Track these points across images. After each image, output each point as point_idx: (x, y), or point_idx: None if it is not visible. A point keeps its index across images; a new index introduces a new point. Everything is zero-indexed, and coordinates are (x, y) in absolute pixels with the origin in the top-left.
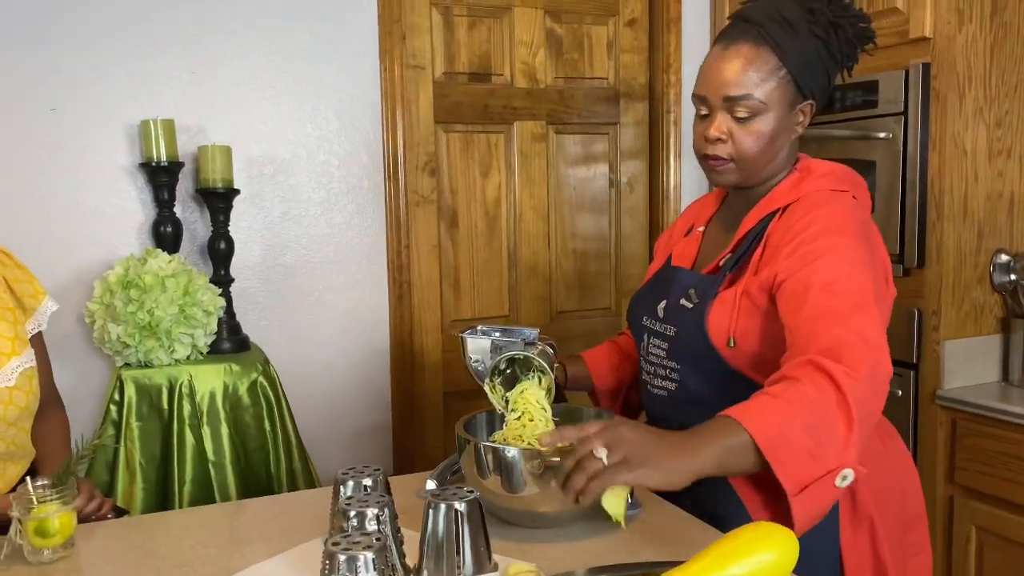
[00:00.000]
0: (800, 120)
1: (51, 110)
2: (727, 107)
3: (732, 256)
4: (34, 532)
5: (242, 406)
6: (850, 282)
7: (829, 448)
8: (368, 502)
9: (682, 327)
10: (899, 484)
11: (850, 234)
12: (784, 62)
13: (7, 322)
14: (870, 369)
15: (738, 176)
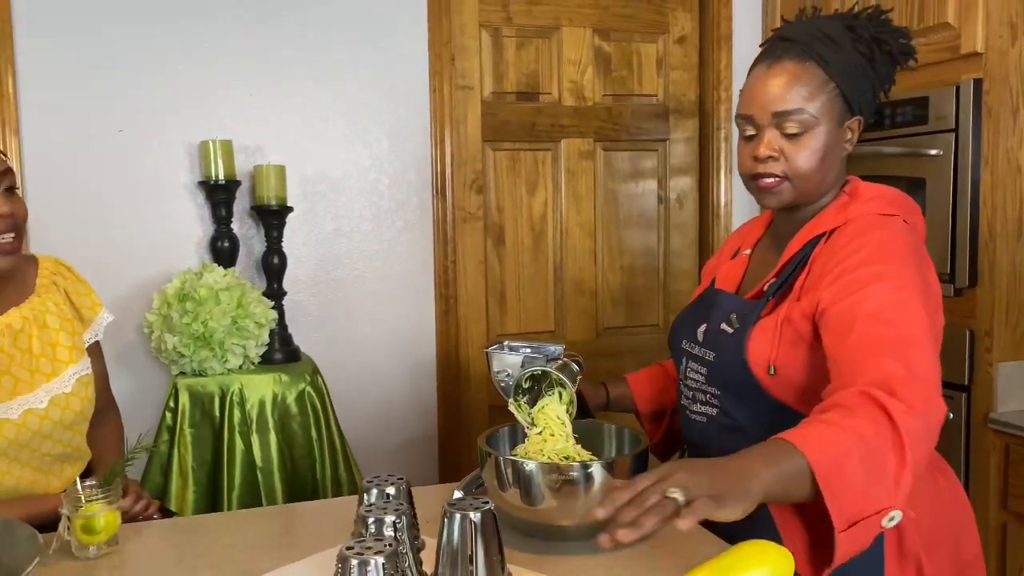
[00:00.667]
0: (848, 137)
1: (119, 132)
2: (776, 123)
3: (776, 281)
4: (81, 529)
5: (290, 414)
6: (900, 312)
7: (880, 486)
8: (387, 510)
9: (721, 352)
10: (952, 524)
11: (899, 261)
12: (831, 75)
13: (66, 332)
14: (924, 406)
15: (792, 194)
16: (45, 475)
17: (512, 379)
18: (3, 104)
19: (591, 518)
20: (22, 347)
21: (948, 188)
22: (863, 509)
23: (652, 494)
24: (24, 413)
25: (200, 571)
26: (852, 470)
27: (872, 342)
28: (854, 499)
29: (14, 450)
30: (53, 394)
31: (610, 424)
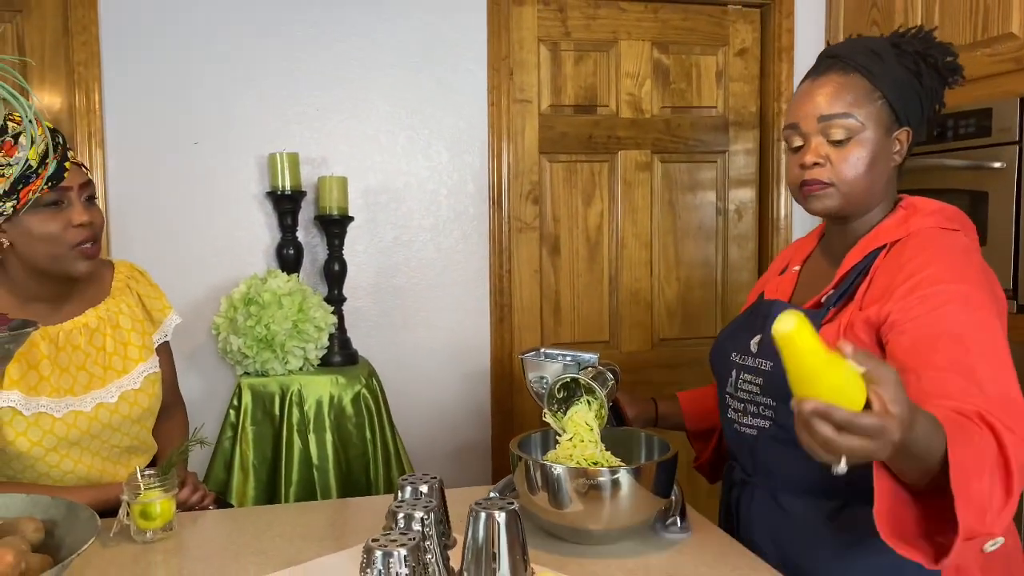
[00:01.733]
0: (897, 149)
1: (194, 144)
2: (822, 129)
3: (835, 292)
4: (139, 515)
5: (346, 415)
6: (983, 335)
7: (989, 507)
8: (416, 506)
9: (780, 361)
10: (1004, 552)
11: (973, 282)
12: (876, 85)
13: (137, 332)
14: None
15: (839, 201)
16: (114, 465)
17: (547, 385)
18: (91, 118)
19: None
20: (97, 345)
21: (1011, 201)
22: (979, 525)
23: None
24: (96, 407)
25: (245, 557)
26: (982, 481)
27: (961, 365)
28: (976, 511)
29: (86, 441)
30: (123, 390)
31: (640, 432)
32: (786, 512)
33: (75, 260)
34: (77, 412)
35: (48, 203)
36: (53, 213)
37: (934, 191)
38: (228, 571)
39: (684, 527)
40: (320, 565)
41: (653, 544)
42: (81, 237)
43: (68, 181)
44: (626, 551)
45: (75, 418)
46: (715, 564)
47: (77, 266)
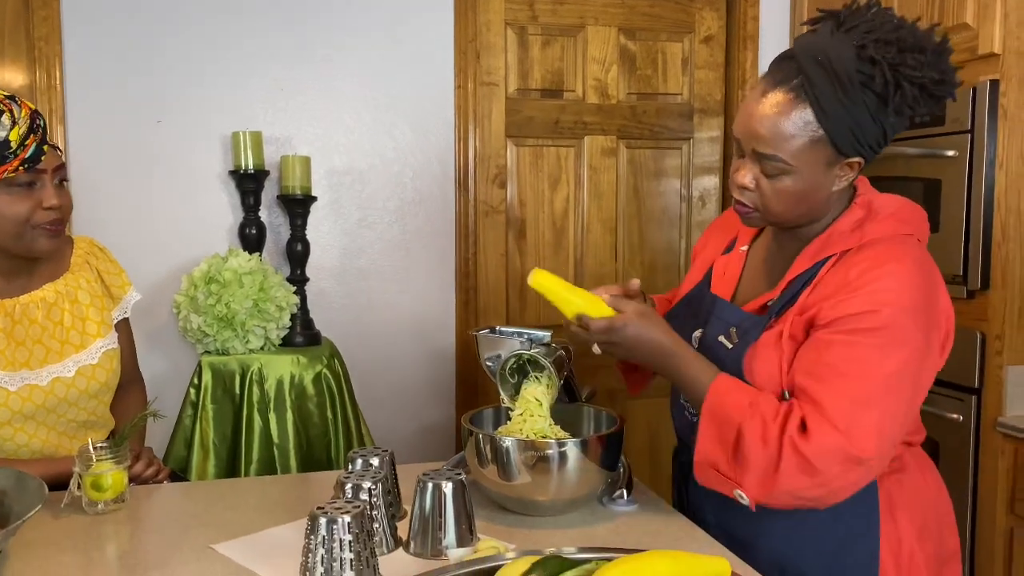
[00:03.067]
0: (845, 174)
1: (157, 122)
2: (757, 159)
3: (780, 299)
4: (90, 486)
5: (307, 395)
6: (871, 362)
7: (747, 468)
8: (365, 477)
9: (719, 365)
10: (936, 519)
11: (905, 305)
12: (821, 122)
13: (96, 308)
14: (825, 454)
15: (763, 223)
16: (70, 440)
17: (499, 362)
18: (52, 95)
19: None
20: (54, 320)
21: (963, 189)
22: (722, 464)
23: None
24: (52, 381)
25: (195, 528)
26: (729, 433)
27: (827, 381)
28: (718, 452)
29: (41, 415)
30: (80, 365)
31: (590, 408)
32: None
33: (40, 238)
34: (32, 386)
35: (21, 183)
36: (25, 194)
37: (890, 179)
38: (178, 542)
39: (630, 500)
40: (270, 535)
41: (600, 516)
42: (49, 219)
43: (44, 163)
44: (573, 522)
45: (30, 392)
46: (658, 534)
47: (41, 245)
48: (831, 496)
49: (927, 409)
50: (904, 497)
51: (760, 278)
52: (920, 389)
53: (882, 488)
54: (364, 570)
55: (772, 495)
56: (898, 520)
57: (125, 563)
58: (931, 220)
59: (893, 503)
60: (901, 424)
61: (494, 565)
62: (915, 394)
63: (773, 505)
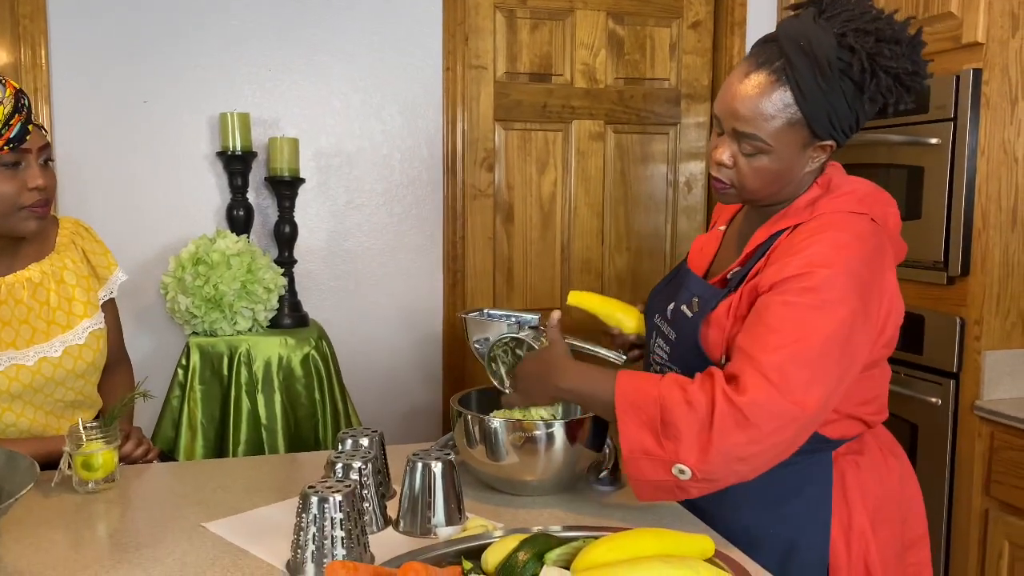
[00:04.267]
0: (817, 155)
1: (143, 102)
2: (735, 137)
3: (739, 271)
4: (81, 465)
5: (294, 376)
6: (804, 321)
7: (680, 437)
8: (355, 456)
9: (680, 334)
10: (900, 504)
11: (840, 268)
12: (800, 105)
13: (82, 288)
14: (759, 406)
15: (738, 200)
16: (57, 419)
17: (488, 345)
18: (36, 74)
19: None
20: (40, 300)
21: (945, 177)
22: (652, 448)
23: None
24: (39, 361)
25: (186, 507)
26: (650, 412)
27: (759, 341)
28: (643, 435)
29: (28, 394)
30: (67, 345)
31: None
32: None
33: (25, 220)
34: (19, 366)
35: (6, 163)
36: (10, 174)
37: (873, 166)
38: (169, 520)
39: (616, 480)
40: (261, 514)
41: (585, 496)
42: (35, 199)
43: (29, 143)
44: (559, 502)
45: (16, 371)
46: (643, 513)
47: (27, 225)
48: (766, 455)
49: (906, 392)
50: (860, 479)
51: (730, 254)
52: (856, 352)
53: (836, 468)
54: (355, 548)
55: (709, 458)
56: (851, 501)
57: (117, 541)
58: (913, 207)
59: (847, 484)
60: (836, 384)
61: (483, 543)
62: (851, 356)
63: (713, 473)
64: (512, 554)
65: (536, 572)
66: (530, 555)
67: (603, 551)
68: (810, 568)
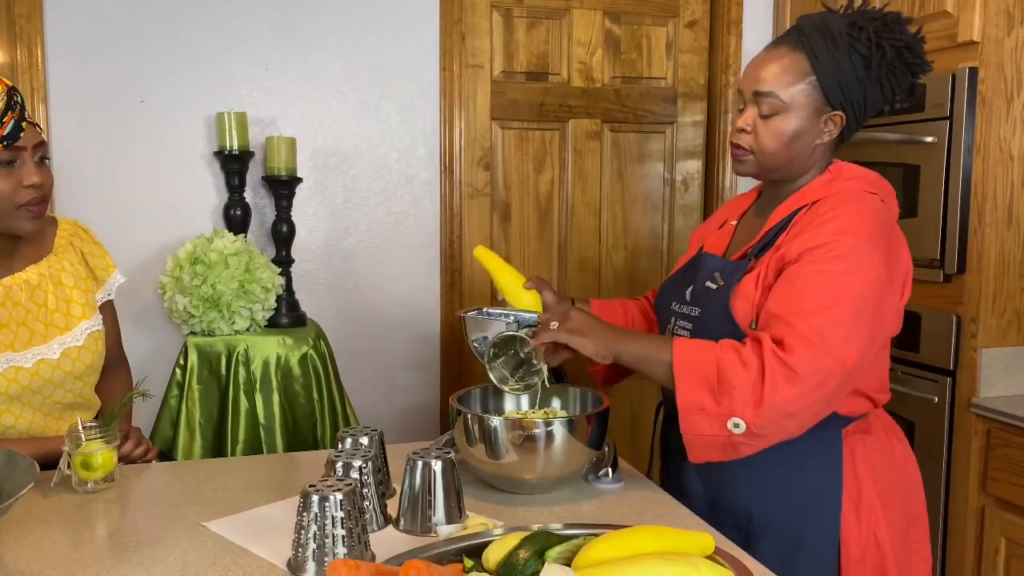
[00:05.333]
0: (828, 128)
1: (140, 102)
2: (756, 101)
3: (759, 244)
4: (80, 465)
5: (292, 376)
6: (837, 286)
7: (735, 394)
8: (355, 455)
9: (707, 308)
10: (903, 482)
11: (866, 236)
12: (815, 68)
13: (80, 290)
14: (805, 362)
15: (755, 168)
16: (56, 421)
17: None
18: (32, 73)
19: (556, 470)
20: (38, 302)
21: (941, 175)
22: (707, 403)
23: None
24: (37, 363)
25: (186, 506)
26: (707, 369)
27: (796, 306)
28: (700, 389)
29: (27, 396)
30: (65, 346)
31: (575, 388)
32: None
33: (22, 219)
34: (17, 368)
35: (1, 162)
36: (5, 172)
37: (870, 163)
38: (168, 519)
39: (615, 478)
40: (261, 513)
41: (585, 493)
42: (30, 197)
43: (23, 141)
44: (558, 499)
45: (15, 373)
46: (642, 511)
47: (24, 225)
48: (811, 410)
49: (902, 390)
50: (868, 457)
51: (746, 237)
52: (885, 313)
53: (846, 445)
54: (356, 546)
55: (762, 411)
56: (860, 477)
57: (116, 541)
58: (909, 205)
59: (856, 460)
60: (869, 342)
61: (483, 541)
62: (881, 317)
63: (764, 428)
64: (513, 552)
65: (537, 570)
66: (531, 553)
67: (604, 548)
68: (822, 544)
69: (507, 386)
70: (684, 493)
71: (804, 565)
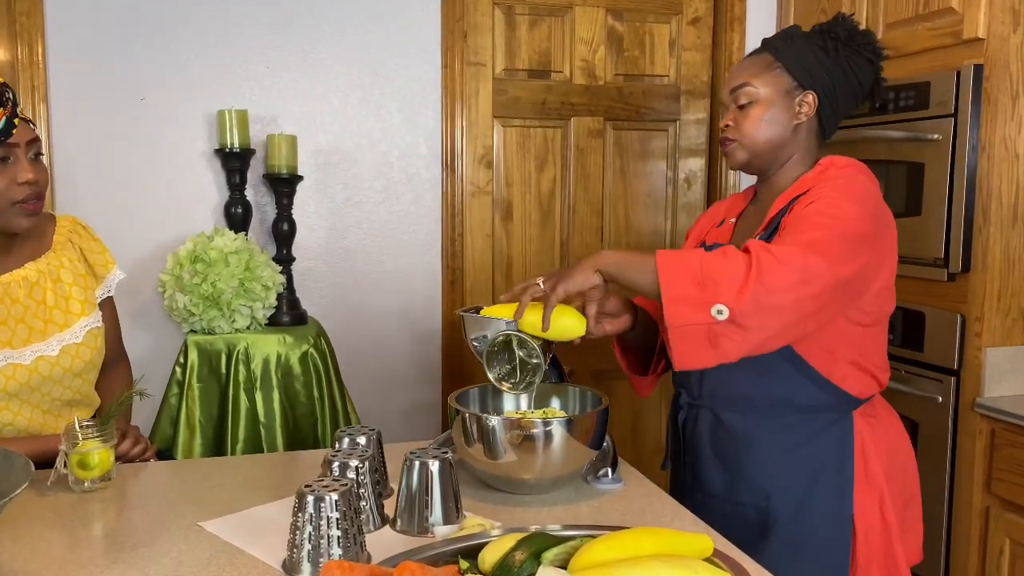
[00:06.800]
0: (803, 109)
1: (141, 100)
2: (733, 99)
3: (764, 233)
4: (77, 464)
5: (293, 374)
6: (839, 212)
7: (720, 281)
8: (352, 455)
9: None
10: (901, 461)
11: (865, 179)
12: (778, 58)
13: (79, 286)
14: (794, 256)
15: (743, 155)
16: (55, 418)
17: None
18: (33, 71)
19: (555, 470)
20: (37, 299)
21: (946, 173)
22: (690, 293)
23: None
24: (36, 359)
25: (182, 506)
26: (691, 264)
27: (791, 238)
28: (684, 280)
29: (26, 393)
30: (64, 343)
31: (575, 387)
32: (726, 426)
33: (17, 216)
34: (16, 365)
35: None
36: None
37: (874, 161)
38: (165, 519)
39: (615, 478)
40: (257, 513)
41: (584, 494)
42: (25, 194)
43: (16, 137)
44: (558, 500)
45: (13, 370)
46: (642, 512)
47: (19, 222)
48: (795, 308)
49: (906, 390)
50: (875, 438)
51: (747, 232)
52: (883, 252)
53: (857, 427)
54: (351, 547)
55: (745, 297)
56: (868, 456)
57: (113, 540)
58: (913, 203)
59: (865, 440)
60: (862, 268)
61: (480, 542)
62: (876, 257)
63: (747, 315)
64: (509, 553)
65: (533, 572)
66: (527, 555)
67: (601, 550)
68: (836, 521)
69: (506, 385)
70: (700, 481)
71: (819, 542)
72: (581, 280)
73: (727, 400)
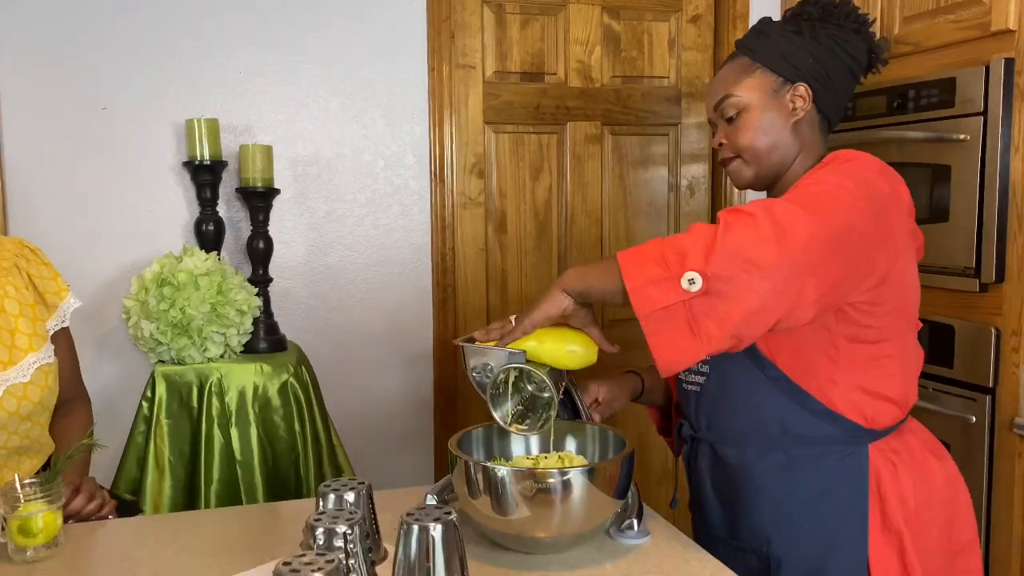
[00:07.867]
0: (798, 104)
1: (102, 109)
2: (719, 115)
3: None
4: (17, 531)
5: (271, 407)
6: (825, 180)
7: (686, 252)
8: (339, 519)
9: None
10: (944, 506)
11: (858, 179)
12: (756, 59)
13: (27, 318)
14: (768, 209)
15: (749, 170)
16: (1, 469)
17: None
18: None
19: (575, 526)
20: None
21: (975, 176)
22: (654, 273)
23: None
24: None
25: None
26: (652, 248)
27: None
28: (647, 264)
29: None
30: (10, 383)
31: (594, 426)
32: (724, 461)
33: None
34: None
35: None
36: None
37: (895, 164)
38: None
39: (641, 531)
40: None
41: (608, 551)
42: None
43: None
44: (578, 559)
45: None
46: (674, 570)
47: None
48: (780, 261)
49: (935, 408)
50: (897, 477)
51: None
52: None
53: (872, 464)
54: None
55: (714, 257)
56: (886, 497)
57: None
58: (940, 209)
59: (882, 478)
60: (843, 227)
61: None
62: (861, 216)
63: (721, 274)
64: None
65: None
66: None
67: None
68: (841, 570)
69: (514, 426)
70: (707, 522)
71: None
72: (548, 305)
73: (722, 433)
